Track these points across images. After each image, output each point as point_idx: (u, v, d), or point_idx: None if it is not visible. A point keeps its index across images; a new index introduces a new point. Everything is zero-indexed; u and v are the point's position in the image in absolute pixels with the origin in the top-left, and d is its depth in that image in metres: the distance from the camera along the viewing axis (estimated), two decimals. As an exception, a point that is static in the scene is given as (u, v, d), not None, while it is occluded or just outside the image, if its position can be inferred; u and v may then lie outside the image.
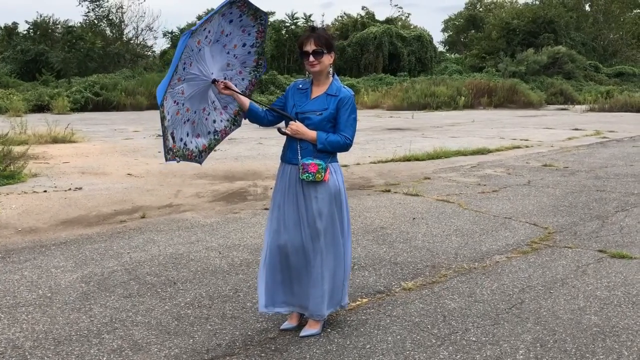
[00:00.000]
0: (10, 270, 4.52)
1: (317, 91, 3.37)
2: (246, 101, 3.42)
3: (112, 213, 6.45)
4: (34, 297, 3.98)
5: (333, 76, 3.39)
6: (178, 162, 3.44)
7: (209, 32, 3.22)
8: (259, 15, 3.40)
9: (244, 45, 3.48)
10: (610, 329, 3.50)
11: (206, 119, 3.54)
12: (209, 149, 3.61)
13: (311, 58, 3.26)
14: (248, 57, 3.57)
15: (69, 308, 3.78)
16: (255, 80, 3.69)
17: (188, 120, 3.41)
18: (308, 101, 3.35)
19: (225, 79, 3.46)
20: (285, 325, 3.49)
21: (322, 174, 3.24)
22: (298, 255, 3.34)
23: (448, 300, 3.94)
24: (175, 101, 3.25)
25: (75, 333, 3.42)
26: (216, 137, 3.63)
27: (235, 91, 3.38)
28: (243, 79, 3.62)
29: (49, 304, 3.85)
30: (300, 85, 3.43)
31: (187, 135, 3.43)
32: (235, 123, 3.69)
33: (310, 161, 3.24)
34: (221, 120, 3.63)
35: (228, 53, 3.46)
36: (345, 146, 3.33)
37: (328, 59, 3.31)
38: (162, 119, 3.16)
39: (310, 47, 3.26)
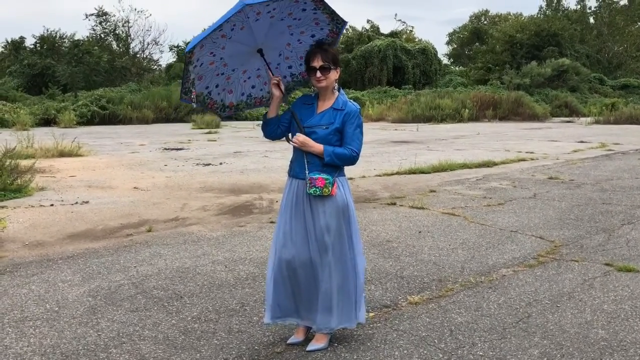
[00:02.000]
0: (17, 284, 4.54)
1: (323, 105, 3.40)
2: (276, 110, 3.45)
3: (118, 227, 6.47)
4: (42, 311, 3.99)
5: (339, 91, 3.42)
6: (195, 106, 3.48)
7: (274, 9, 3.19)
8: (336, 19, 3.39)
9: (312, 36, 3.46)
10: (617, 343, 3.48)
11: (245, 81, 3.58)
12: (236, 108, 3.66)
13: (318, 74, 3.30)
14: None
15: (76, 322, 3.80)
16: None
17: (222, 74, 3.45)
18: (314, 115, 3.38)
19: (280, 55, 3.52)
20: (292, 339, 3.49)
21: (330, 188, 3.26)
22: (305, 270, 3.34)
23: (455, 314, 3.94)
24: (212, 52, 3.28)
25: (82, 347, 3.43)
26: (249, 101, 3.67)
27: (282, 92, 3.38)
28: (301, 65, 3.62)
29: (56, 318, 3.86)
30: (306, 100, 3.46)
31: (217, 86, 3.49)
32: None
33: (318, 175, 3.26)
34: (261, 89, 3.67)
35: (292, 35, 3.44)
36: (352, 159, 3.35)
37: (334, 75, 3.34)
38: (188, 63, 3.19)
39: (317, 63, 3.29)
